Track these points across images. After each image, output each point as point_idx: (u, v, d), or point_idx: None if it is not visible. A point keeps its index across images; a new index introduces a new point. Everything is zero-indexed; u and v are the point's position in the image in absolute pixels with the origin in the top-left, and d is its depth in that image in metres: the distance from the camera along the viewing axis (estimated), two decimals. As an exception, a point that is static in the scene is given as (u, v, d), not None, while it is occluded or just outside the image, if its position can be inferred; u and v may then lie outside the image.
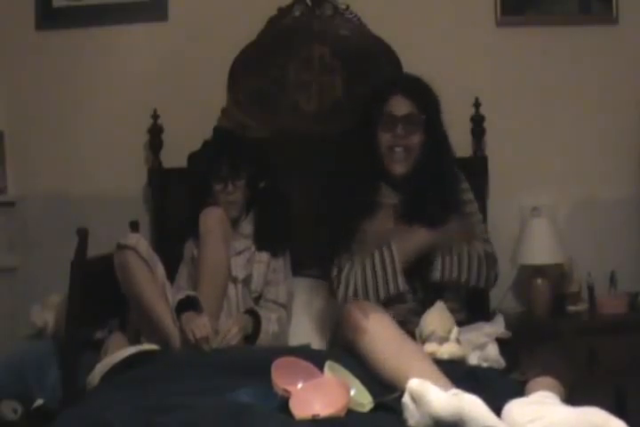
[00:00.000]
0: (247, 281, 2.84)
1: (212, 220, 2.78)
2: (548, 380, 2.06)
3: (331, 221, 2.70)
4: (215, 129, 3.11)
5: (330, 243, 2.68)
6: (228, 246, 2.78)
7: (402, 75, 3.05)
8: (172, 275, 2.85)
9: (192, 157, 3.16)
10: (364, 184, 2.68)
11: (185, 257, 2.91)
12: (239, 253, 2.86)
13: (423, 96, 2.69)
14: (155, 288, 2.65)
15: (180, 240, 2.93)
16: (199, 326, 2.55)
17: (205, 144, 3.05)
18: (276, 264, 2.89)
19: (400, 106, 2.67)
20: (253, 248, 2.88)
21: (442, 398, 1.83)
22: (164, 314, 2.61)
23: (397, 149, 2.66)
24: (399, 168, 2.67)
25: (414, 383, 1.88)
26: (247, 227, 2.92)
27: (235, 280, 2.81)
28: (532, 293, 3.09)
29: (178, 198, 3.13)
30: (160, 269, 2.73)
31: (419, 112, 2.67)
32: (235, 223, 2.90)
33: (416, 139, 2.67)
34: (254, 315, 2.73)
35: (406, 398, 1.89)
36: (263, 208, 2.93)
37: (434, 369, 2.10)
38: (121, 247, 2.66)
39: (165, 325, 2.60)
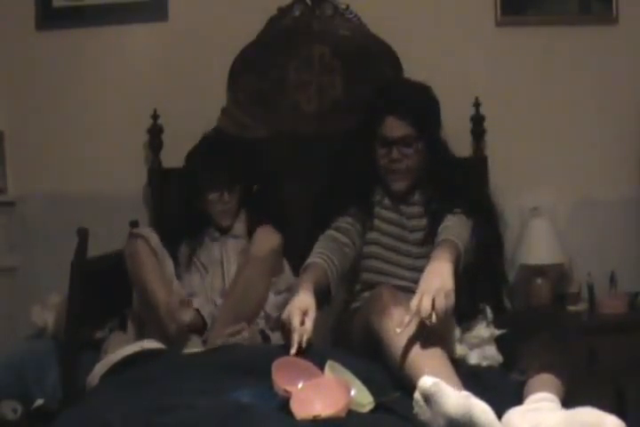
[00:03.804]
0: None
1: (269, 246, 2.69)
2: (547, 377, 2.06)
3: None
4: (212, 135, 2.99)
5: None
6: (271, 280, 2.71)
7: (395, 90, 2.75)
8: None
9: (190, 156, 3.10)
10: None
11: (181, 264, 2.84)
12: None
13: (418, 114, 2.63)
14: (160, 278, 2.63)
15: (175, 241, 2.86)
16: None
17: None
18: None
19: (394, 128, 2.61)
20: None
21: (454, 398, 1.82)
22: (165, 302, 2.57)
23: (395, 168, 2.65)
24: (398, 186, 2.68)
25: (427, 383, 1.85)
26: (239, 227, 2.87)
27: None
28: (532, 293, 3.09)
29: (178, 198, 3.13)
30: (169, 265, 2.72)
31: (414, 131, 2.62)
32: (228, 229, 2.86)
33: (412, 159, 2.65)
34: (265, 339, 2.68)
35: (418, 396, 1.86)
36: (255, 208, 2.89)
37: (448, 367, 2.06)
38: (134, 236, 2.66)
39: (164, 313, 2.56)
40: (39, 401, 2.74)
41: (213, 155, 2.84)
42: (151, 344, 2.54)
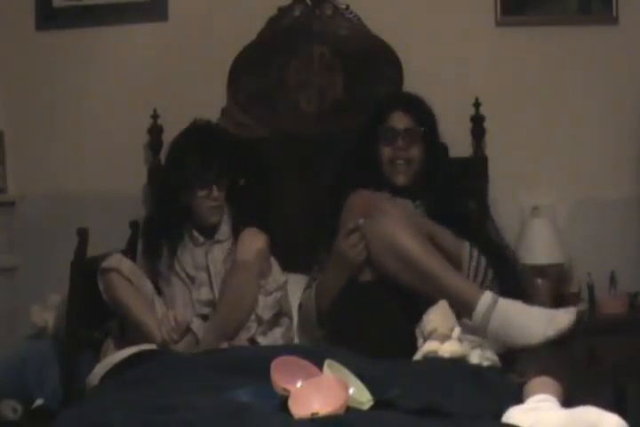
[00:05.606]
0: None
1: (255, 249, 2.63)
2: (546, 380, 2.06)
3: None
4: (195, 126, 2.90)
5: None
6: (260, 283, 2.65)
7: (400, 93, 3.10)
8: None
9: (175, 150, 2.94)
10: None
11: (163, 275, 2.77)
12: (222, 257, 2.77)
13: (422, 112, 2.79)
14: (141, 305, 2.62)
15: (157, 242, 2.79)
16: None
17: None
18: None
19: (400, 120, 2.76)
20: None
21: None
22: (153, 330, 2.58)
23: (398, 162, 2.74)
24: (401, 179, 2.75)
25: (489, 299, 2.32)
26: (224, 229, 2.79)
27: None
28: (532, 293, 3.09)
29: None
30: (147, 286, 2.70)
31: (418, 126, 2.76)
32: (215, 228, 2.78)
33: (416, 151, 2.75)
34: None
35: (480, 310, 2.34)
36: (241, 208, 2.82)
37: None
38: (104, 270, 2.64)
39: (155, 339, 2.58)
40: (39, 401, 2.74)
41: (202, 149, 2.76)
42: (150, 346, 2.55)
